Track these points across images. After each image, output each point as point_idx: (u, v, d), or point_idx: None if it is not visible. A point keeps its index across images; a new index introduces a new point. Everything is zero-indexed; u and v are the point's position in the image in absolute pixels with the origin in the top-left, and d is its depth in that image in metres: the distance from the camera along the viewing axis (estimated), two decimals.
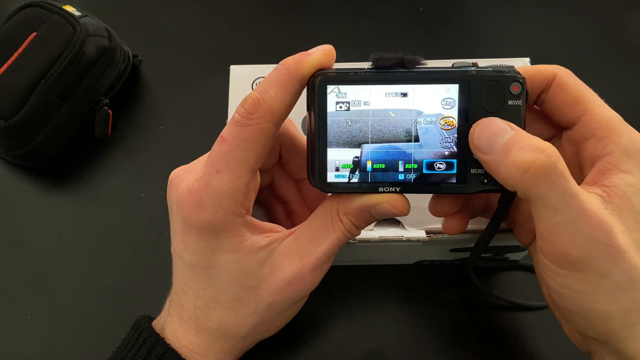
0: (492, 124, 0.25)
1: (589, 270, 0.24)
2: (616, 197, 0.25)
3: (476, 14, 0.58)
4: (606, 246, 0.24)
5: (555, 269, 0.25)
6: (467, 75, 0.26)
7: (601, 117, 0.27)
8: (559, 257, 0.25)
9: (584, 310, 0.25)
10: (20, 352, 0.41)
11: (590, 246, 0.24)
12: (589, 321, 0.26)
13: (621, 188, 0.25)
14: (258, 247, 0.28)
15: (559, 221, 0.24)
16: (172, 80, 0.54)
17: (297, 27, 0.57)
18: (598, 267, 0.24)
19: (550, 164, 0.23)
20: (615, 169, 0.26)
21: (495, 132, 0.25)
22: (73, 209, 0.48)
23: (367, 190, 0.27)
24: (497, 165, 0.25)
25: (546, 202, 0.24)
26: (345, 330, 0.41)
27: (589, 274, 0.24)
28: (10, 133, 0.45)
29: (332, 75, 0.26)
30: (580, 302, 0.25)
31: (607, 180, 0.25)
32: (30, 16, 0.47)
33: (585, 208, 0.24)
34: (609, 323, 0.25)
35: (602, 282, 0.24)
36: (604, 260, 0.24)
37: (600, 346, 0.27)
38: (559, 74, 0.28)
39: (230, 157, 0.26)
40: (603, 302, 0.25)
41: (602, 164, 0.26)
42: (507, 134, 0.24)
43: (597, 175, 0.26)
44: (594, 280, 0.24)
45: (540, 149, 0.23)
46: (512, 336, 0.40)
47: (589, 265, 0.24)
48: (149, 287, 0.42)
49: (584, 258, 0.24)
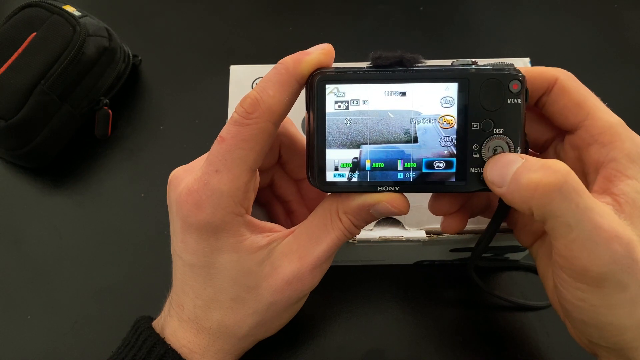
0: (502, 158, 0.25)
1: (609, 284, 0.24)
2: (627, 205, 0.25)
3: (476, 14, 0.58)
4: (626, 259, 0.23)
5: (574, 283, 0.25)
6: (466, 73, 0.26)
7: (604, 122, 0.26)
8: (579, 273, 0.24)
9: (600, 323, 0.25)
10: (20, 352, 0.41)
11: (611, 261, 0.23)
12: (603, 333, 0.25)
13: (630, 195, 0.25)
14: (258, 246, 0.28)
15: (574, 238, 0.23)
16: (172, 80, 0.54)
17: (297, 27, 0.57)
18: (618, 282, 0.23)
19: (559, 179, 0.23)
20: (622, 175, 0.25)
21: (506, 164, 0.25)
22: (73, 209, 0.48)
23: (367, 189, 0.27)
24: (511, 194, 0.24)
25: (560, 220, 0.23)
26: (345, 330, 0.41)
27: (608, 289, 0.24)
28: (10, 133, 0.45)
29: (331, 75, 0.26)
30: (597, 315, 0.25)
31: (616, 187, 0.25)
32: (30, 16, 0.47)
33: (599, 222, 0.23)
34: (623, 335, 0.25)
35: (620, 295, 0.24)
36: (623, 274, 0.23)
37: (610, 352, 0.27)
38: (560, 78, 0.28)
39: (230, 156, 0.26)
40: (620, 315, 0.24)
41: (607, 171, 0.26)
42: (518, 163, 0.24)
43: (604, 183, 0.26)
44: (613, 294, 0.24)
45: (545, 166, 0.23)
46: (512, 336, 0.40)
47: (609, 280, 0.24)
48: (149, 287, 0.42)
49: (604, 274, 0.23)
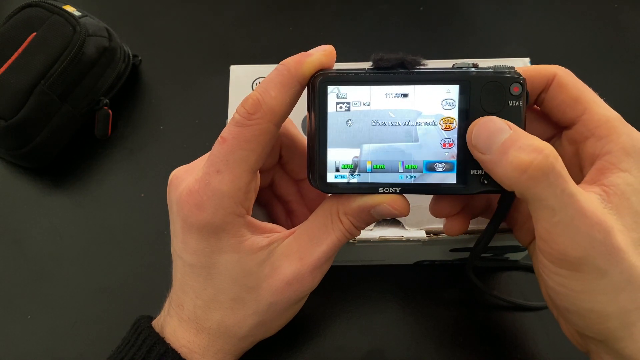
0: (490, 123, 0.25)
1: (587, 269, 0.24)
2: (615, 196, 0.25)
3: (476, 14, 0.58)
4: (605, 246, 0.24)
5: (554, 268, 0.25)
6: (467, 76, 0.26)
7: (601, 116, 0.27)
8: (557, 257, 0.25)
9: (582, 309, 0.25)
10: (20, 352, 0.41)
11: (589, 246, 0.24)
12: (587, 320, 0.26)
13: (620, 187, 0.25)
14: (258, 247, 0.28)
15: (557, 221, 0.24)
16: (172, 80, 0.54)
17: (297, 27, 0.57)
18: (596, 267, 0.24)
19: (548, 164, 0.23)
20: (615, 168, 0.26)
21: (493, 132, 0.25)
22: (73, 209, 0.48)
23: (367, 190, 0.27)
24: (494, 165, 0.24)
25: (544, 203, 0.24)
26: (345, 330, 0.41)
27: (587, 274, 0.24)
28: (10, 133, 0.45)
29: (333, 76, 0.26)
30: (579, 301, 0.25)
31: (606, 179, 0.25)
32: (30, 16, 0.47)
33: (583, 208, 0.23)
34: (607, 322, 0.25)
35: (600, 281, 0.24)
36: (602, 260, 0.24)
37: (599, 345, 0.27)
38: (558, 74, 0.28)
39: (231, 157, 0.26)
40: (601, 301, 0.25)
41: (601, 163, 0.26)
42: (505, 133, 0.24)
43: (596, 174, 0.26)
44: (592, 279, 0.24)
45: (538, 149, 0.23)
46: (512, 336, 0.40)
47: (588, 265, 0.24)
48: (149, 287, 0.42)
49: (582, 258, 0.24)
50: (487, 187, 0.26)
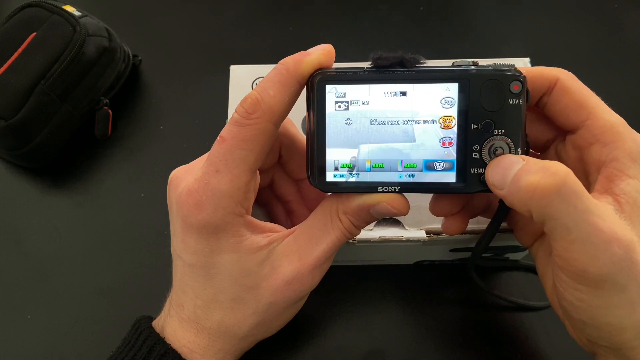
0: (503, 160, 0.25)
1: (608, 286, 0.24)
2: (627, 205, 0.25)
3: (476, 14, 0.58)
4: (625, 261, 0.23)
5: (573, 284, 0.25)
6: (466, 74, 0.26)
7: (605, 121, 0.26)
8: (578, 274, 0.24)
9: (599, 323, 0.25)
10: (20, 352, 0.41)
11: (609, 263, 0.23)
12: (602, 333, 0.25)
13: (631, 195, 0.25)
14: (258, 247, 0.28)
15: (573, 239, 0.23)
16: (172, 80, 0.54)
17: (297, 27, 0.57)
18: (617, 283, 0.24)
19: (557, 181, 0.23)
20: (623, 174, 0.25)
21: (508, 166, 0.25)
22: (73, 209, 0.48)
23: (366, 189, 0.27)
24: (511, 196, 0.24)
25: (559, 222, 0.23)
26: (345, 330, 0.41)
27: (607, 290, 0.24)
28: (10, 133, 0.45)
29: (331, 75, 0.26)
30: (597, 315, 0.25)
31: (617, 187, 0.25)
32: (30, 16, 0.47)
33: (598, 224, 0.23)
34: (622, 335, 0.25)
35: (619, 296, 0.24)
36: (622, 275, 0.23)
37: (608, 351, 0.27)
38: (561, 78, 0.28)
39: (230, 157, 0.26)
40: (619, 315, 0.24)
41: (608, 170, 0.26)
42: (518, 165, 0.24)
43: (605, 183, 0.26)
44: (612, 295, 0.24)
45: (544, 167, 0.23)
46: (512, 336, 0.40)
47: (608, 281, 0.24)
48: (149, 287, 0.42)
49: (603, 275, 0.23)
50: (486, 186, 0.26)
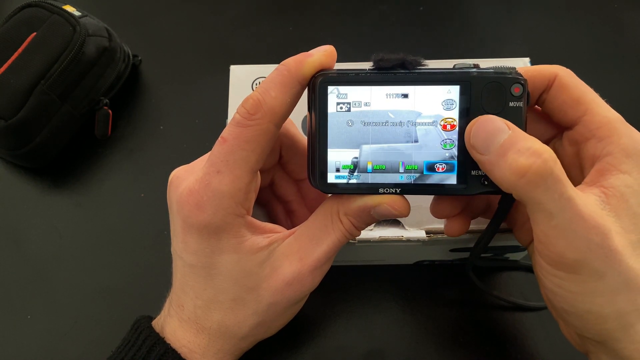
0: (488, 122, 0.25)
1: (585, 272, 0.24)
2: (614, 198, 0.25)
3: (476, 14, 0.58)
4: (602, 249, 0.24)
5: (552, 270, 0.25)
6: (468, 76, 0.26)
7: (602, 117, 0.27)
8: (555, 259, 0.25)
9: (579, 310, 0.25)
10: (20, 352, 0.41)
11: (586, 249, 0.24)
12: (585, 322, 0.26)
13: (619, 189, 0.25)
14: (258, 247, 0.28)
15: (554, 225, 0.24)
16: (172, 80, 0.54)
17: (297, 27, 0.57)
18: (594, 269, 0.24)
19: (547, 168, 0.23)
20: (615, 169, 0.26)
21: (492, 132, 0.25)
22: (73, 209, 0.48)
23: (367, 191, 0.27)
24: (493, 166, 0.24)
25: (542, 207, 0.24)
26: (345, 330, 0.41)
27: (584, 276, 0.24)
28: (10, 133, 0.45)
29: (333, 76, 0.26)
30: (576, 302, 0.25)
31: (606, 181, 0.25)
32: (30, 16, 0.47)
33: (580, 211, 0.23)
34: (604, 324, 0.25)
35: (597, 283, 0.24)
36: (599, 262, 0.24)
37: (597, 346, 0.27)
38: (560, 74, 0.28)
39: (231, 157, 0.26)
40: (599, 303, 0.25)
41: (601, 165, 0.26)
42: (504, 134, 0.24)
43: (596, 176, 0.26)
44: (589, 282, 0.24)
45: (537, 152, 0.23)
46: (512, 336, 0.40)
47: (585, 267, 0.24)
48: (149, 287, 0.42)
49: (579, 260, 0.24)
50: (487, 188, 0.26)
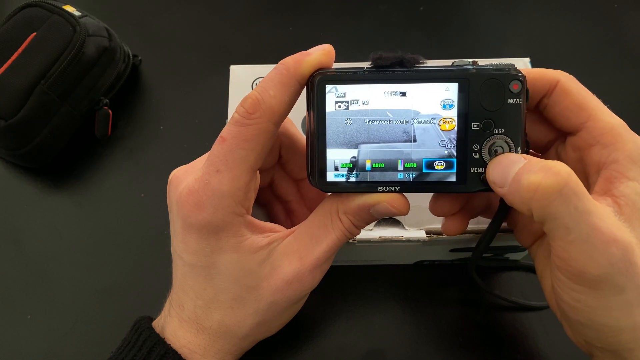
0: (504, 158, 0.25)
1: (606, 287, 0.24)
2: (626, 207, 0.25)
3: (476, 14, 0.58)
4: (623, 262, 0.23)
5: (571, 284, 0.25)
6: (466, 73, 0.26)
7: (605, 123, 0.26)
8: (576, 275, 0.24)
9: (596, 324, 0.25)
10: (20, 352, 0.41)
11: (608, 264, 0.23)
12: (599, 334, 0.26)
13: (630, 197, 0.25)
14: (258, 246, 0.28)
15: (572, 240, 0.23)
16: (172, 80, 0.54)
17: (297, 27, 0.57)
18: (615, 284, 0.24)
19: (559, 181, 0.23)
20: (623, 176, 0.25)
21: (508, 165, 0.25)
22: (73, 209, 0.48)
23: (367, 189, 0.27)
24: (512, 195, 0.24)
25: (559, 222, 0.23)
26: (345, 330, 0.41)
27: (605, 291, 0.24)
28: (10, 133, 0.45)
29: (331, 75, 0.26)
30: (594, 316, 0.25)
31: (616, 189, 0.25)
32: (30, 16, 0.47)
33: (598, 225, 0.23)
34: (619, 336, 0.25)
35: (617, 298, 0.24)
36: (620, 277, 0.23)
37: (605, 353, 0.27)
38: (562, 80, 0.28)
39: (230, 156, 0.26)
40: (616, 317, 0.24)
41: (609, 172, 0.26)
42: (520, 164, 0.24)
43: (605, 184, 0.26)
44: (609, 296, 0.24)
45: (546, 167, 0.23)
46: (512, 336, 0.40)
47: (606, 282, 0.24)
48: (149, 287, 0.42)
49: (601, 276, 0.24)
50: (486, 186, 0.26)
